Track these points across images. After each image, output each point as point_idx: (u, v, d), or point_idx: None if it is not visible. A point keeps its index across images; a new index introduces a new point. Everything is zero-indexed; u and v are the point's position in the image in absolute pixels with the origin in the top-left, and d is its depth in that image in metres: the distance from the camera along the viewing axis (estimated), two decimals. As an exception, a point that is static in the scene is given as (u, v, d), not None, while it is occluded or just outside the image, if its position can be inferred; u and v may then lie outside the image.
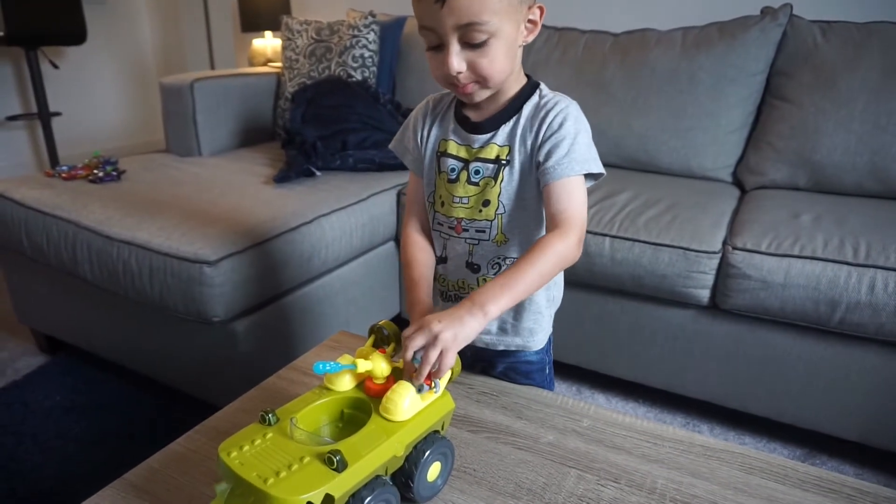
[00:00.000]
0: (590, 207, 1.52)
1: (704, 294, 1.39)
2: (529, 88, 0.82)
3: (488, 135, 0.82)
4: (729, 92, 1.78)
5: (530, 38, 0.78)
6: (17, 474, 1.33)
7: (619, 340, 1.55)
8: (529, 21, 0.76)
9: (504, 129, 0.82)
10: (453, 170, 0.85)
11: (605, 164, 1.93)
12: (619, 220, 1.47)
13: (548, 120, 0.78)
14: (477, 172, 0.83)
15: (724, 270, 1.35)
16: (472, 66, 0.74)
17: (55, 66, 3.16)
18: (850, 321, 1.26)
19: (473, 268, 0.86)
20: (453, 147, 0.85)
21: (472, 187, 0.83)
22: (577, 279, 1.51)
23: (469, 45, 0.72)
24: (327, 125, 1.88)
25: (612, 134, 1.89)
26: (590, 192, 1.70)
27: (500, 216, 0.83)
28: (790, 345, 1.36)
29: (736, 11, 1.84)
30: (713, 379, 1.47)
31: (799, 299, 1.28)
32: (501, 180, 0.82)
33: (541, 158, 0.78)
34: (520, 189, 0.82)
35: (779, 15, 1.76)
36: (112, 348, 1.61)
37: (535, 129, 0.79)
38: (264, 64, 2.91)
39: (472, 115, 0.85)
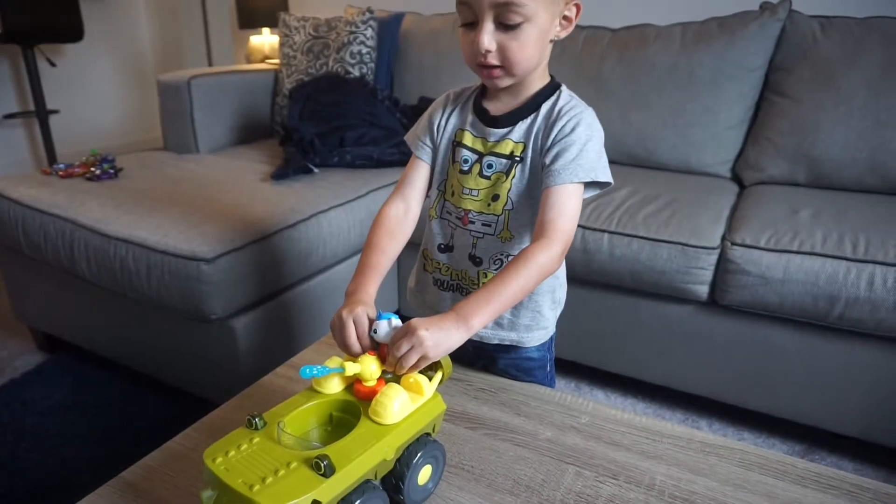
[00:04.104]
0: (588, 203, 1.51)
1: (703, 290, 1.39)
2: (551, 89, 0.82)
3: (505, 129, 0.82)
4: (728, 87, 1.77)
5: (563, 35, 0.78)
6: (16, 472, 1.33)
7: (617, 336, 1.55)
8: (565, 17, 0.77)
9: (521, 126, 0.82)
10: (466, 161, 0.85)
11: (604, 160, 1.82)
12: (617, 216, 1.46)
13: (560, 123, 0.78)
14: (490, 166, 0.83)
15: (723, 266, 1.35)
16: (501, 48, 0.74)
17: (52, 64, 3.14)
18: (849, 317, 1.25)
19: (476, 261, 0.86)
20: (469, 138, 0.85)
21: (483, 180, 0.83)
22: (576, 275, 1.50)
23: (503, 25, 0.72)
24: (325, 122, 1.88)
25: (610, 130, 1.85)
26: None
27: (507, 212, 0.83)
28: (789, 340, 1.36)
29: (735, 7, 1.84)
30: (712, 375, 1.47)
31: (798, 295, 1.28)
32: (513, 177, 0.82)
33: (547, 160, 0.78)
34: (530, 188, 0.82)
35: (778, 10, 1.75)
36: (111, 346, 1.61)
37: (548, 131, 0.79)
38: (262, 61, 2.90)
39: (490, 109, 0.84)
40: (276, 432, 0.59)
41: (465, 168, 0.84)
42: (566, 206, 0.76)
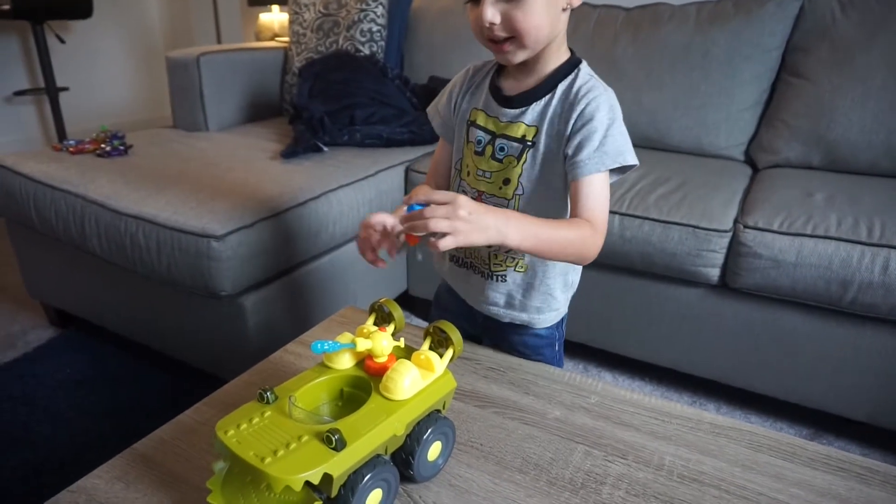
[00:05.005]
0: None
1: (714, 273, 1.38)
2: (569, 66, 0.79)
3: (517, 111, 0.80)
4: (743, 68, 1.74)
5: (576, 2, 0.75)
6: (29, 444, 1.35)
7: (627, 319, 1.55)
8: None
9: (535, 108, 0.79)
10: (480, 142, 0.83)
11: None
12: (629, 198, 1.45)
13: (578, 108, 0.75)
14: (502, 149, 0.81)
15: (735, 249, 1.34)
16: (506, 19, 0.71)
17: (61, 41, 3.14)
18: (862, 301, 1.24)
19: None
20: (482, 118, 0.83)
21: (495, 163, 0.82)
22: (586, 257, 1.49)
23: None
24: (335, 100, 1.87)
25: (622, 111, 1.85)
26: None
27: (518, 197, 0.81)
28: (800, 324, 1.35)
29: (752, -15, 1.80)
30: (721, 358, 1.47)
31: (810, 279, 1.27)
32: (524, 162, 0.79)
33: (570, 151, 0.76)
34: (543, 174, 0.79)
35: (797, -12, 1.72)
36: (121, 322, 1.62)
37: (566, 116, 0.76)
38: (271, 38, 2.88)
39: (505, 87, 0.82)
40: (287, 406, 0.59)
41: (479, 149, 0.83)
42: (599, 197, 0.75)
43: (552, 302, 0.89)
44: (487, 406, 0.79)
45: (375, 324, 0.74)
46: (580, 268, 0.92)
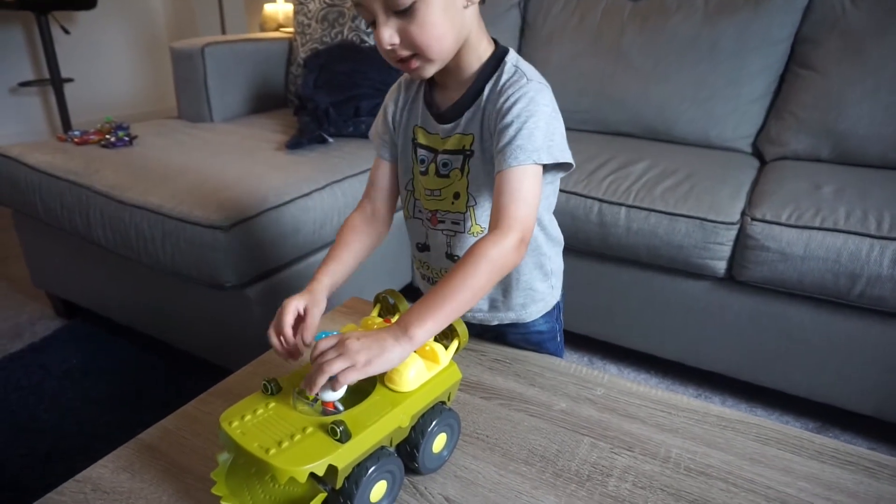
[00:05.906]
0: (606, 177, 1.49)
1: (721, 266, 1.37)
2: (494, 63, 0.74)
3: (451, 125, 0.77)
4: (751, 60, 1.72)
5: None
6: (36, 434, 1.35)
7: (632, 311, 1.54)
8: None
9: (467, 116, 0.76)
10: (423, 161, 0.81)
11: (622, 134, 1.90)
12: (635, 190, 1.44)
13: (498, 103, 0.72)
14: (445, 164, 0.78)
15: (742, 242, 1.33)
16: (404, 36, 0.67)
17: (66, 32, 3.13)
18: (870, 295, 1.23)
19: (453, 259, 0.83)
20: (423, 136, 0.81)
21: (441, 179, 0.79)
22: (592, 249, 1.49)
23: (396, 13, 0.66)
24: (340, 91, 1.86)
25: (629, 103, 1.85)
26: (603, 162, 1.64)
27: (471, 208, 0.79)
28: (807, 318, 1.35)
29: (761, -25, 1.78)
30: (727, 351, 1.46)
31: (818, 272, 1.26)
32: (468, 172, 0.77)
33: (494, 145, 0.72)
34: (489, 180, 0.75)
35: (806, -21, 1.70)
36: (127, 313, 1.62)
37: (494, 116, 0.73)
38: (276, 29, 2.87)
39: (438, 100, 0.79)
40: (291, 397, 0.59)
41: (423, 169, 0.80)
42: (515, 191, 0.68)
43: (534, 295, 0.87)
44: (493, 398, 0.78)
45: (380, 315, 0.74)
46: (555, 254, 0.89)
